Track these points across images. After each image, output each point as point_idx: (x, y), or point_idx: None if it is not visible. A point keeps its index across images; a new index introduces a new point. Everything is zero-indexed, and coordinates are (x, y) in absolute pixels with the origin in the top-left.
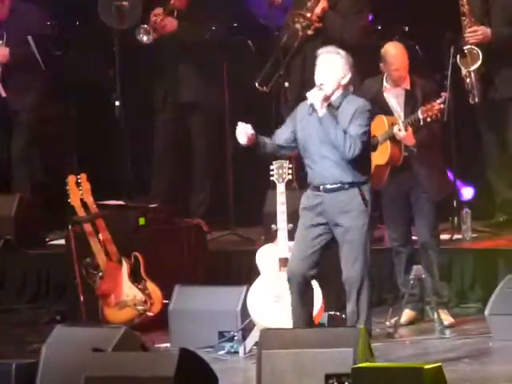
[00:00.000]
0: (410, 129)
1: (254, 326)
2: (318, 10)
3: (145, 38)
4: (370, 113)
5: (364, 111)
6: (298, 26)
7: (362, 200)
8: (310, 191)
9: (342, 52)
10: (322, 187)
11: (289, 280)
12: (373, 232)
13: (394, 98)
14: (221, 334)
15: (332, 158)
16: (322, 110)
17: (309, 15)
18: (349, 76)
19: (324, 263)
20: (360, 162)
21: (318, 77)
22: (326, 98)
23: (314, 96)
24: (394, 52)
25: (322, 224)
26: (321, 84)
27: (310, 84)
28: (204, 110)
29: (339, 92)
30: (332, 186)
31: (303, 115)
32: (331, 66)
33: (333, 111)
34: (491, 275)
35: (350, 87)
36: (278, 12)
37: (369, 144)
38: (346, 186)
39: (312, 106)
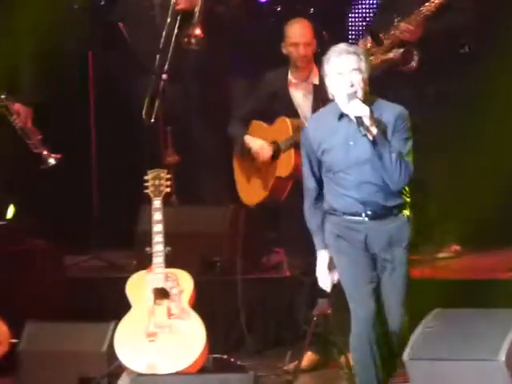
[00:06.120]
0: None
1: (123, 370)
2: None
3: None
4: (408, 120)
5: (405, 119)
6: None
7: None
8: (344, 217)
9: (357, 48)
10: (363, 214)
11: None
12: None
13: (300, 94)
14: (82, 381)
15: (375, 183)
16: (374, 128)
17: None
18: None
19: None
20: None
21: (346, 82)
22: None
23: (360, 109)
24: (294, 24)
25: (370, 261)
26: (354, 92)
27: None
28: None
29: None
30: (377, 213)
31: (323, 135)
32: (357, 68)
33: (381, 127)
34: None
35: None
36: None
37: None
38: (395, 210)
39: (361, 121)
